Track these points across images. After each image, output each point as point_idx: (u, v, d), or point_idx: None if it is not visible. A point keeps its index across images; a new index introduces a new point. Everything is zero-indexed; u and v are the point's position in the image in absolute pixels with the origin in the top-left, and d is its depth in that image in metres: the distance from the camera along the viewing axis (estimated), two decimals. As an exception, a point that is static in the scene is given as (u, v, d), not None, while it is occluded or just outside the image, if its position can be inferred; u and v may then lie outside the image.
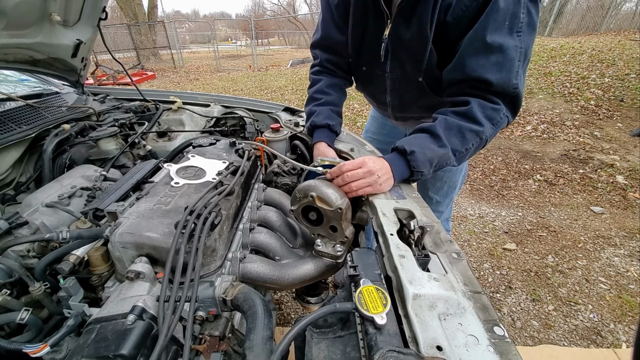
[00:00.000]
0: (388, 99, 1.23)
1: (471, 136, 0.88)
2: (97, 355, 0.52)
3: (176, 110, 1.72)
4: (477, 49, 0.85)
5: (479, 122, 0.88)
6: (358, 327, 0.56)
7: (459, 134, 0.88)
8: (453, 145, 0.88)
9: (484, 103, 0.89)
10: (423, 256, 0.66)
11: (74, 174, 1.11)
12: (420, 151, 0.86)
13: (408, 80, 1.10)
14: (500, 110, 0.89)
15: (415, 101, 1.18)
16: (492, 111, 0.88)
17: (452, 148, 0.88)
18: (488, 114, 0.88)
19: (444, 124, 0.89)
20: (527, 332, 1.80)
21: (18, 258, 0.82)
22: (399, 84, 1.15)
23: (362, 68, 1.22)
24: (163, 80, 10.77)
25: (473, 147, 0.90)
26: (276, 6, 37.44)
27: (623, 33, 8.83)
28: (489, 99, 0.89)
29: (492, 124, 0.89)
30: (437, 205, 1.53)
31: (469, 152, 0.91)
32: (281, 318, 1.89)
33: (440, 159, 0.88)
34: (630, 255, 2.30)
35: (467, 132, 0.88)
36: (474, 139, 0.89)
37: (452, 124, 0.89)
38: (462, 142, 0.89)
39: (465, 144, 0.89)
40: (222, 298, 0.70)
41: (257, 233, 0.94)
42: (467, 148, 0.90)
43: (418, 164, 0.87)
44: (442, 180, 1.44)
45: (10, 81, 1.65)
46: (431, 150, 0.87)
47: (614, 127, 4.23)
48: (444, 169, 1.41)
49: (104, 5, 1.53)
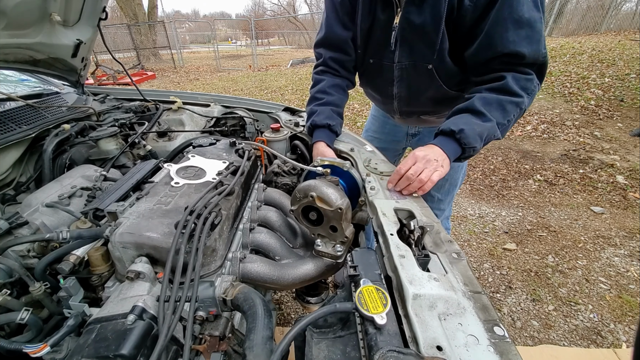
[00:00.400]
0: (395, 90, 1.22)
1: (511, 108, 0.93)
2: (97, 355, 0.52)
3: (176, 110, 1.72)
4: (506, 25, 0.88)
5: (517, 93, 0.92)
6: (358, 327, 0.57)
7: (500, 107, 0.92)
8: (497, 118, 0.92)
9: (517, 75, 0.92)
10: (423, 256, 0.66)
11: (74, 174, 1.11)
12: (469, 128, 0.90)
13: (417, 69, 1.10)
14: (533, 79, 0.93)
15: (423, 92, 1.17)
16: (526, 82, 0.92)
17: (497, 121, 0.92)
18: (523, 84, 0.92)
19: (483, 100, 0.93)
20: (527, 332, 1.80)
21: (18, 258, 0.82)
22: (407, 73, 1.14)
23: (369, 61, 1.22)
24: (163, 80, 10.78)
25: (514, 117, 0.95)
26: (276, 6, 37.49)
27: (623, 33, 8.83)
28: (521, 71, 0.93)
29: (527, 94, 0.93)
30: (439, 203, 1.53)
31: (511, 122, 0.95)
32: (281, 318, 1.89)
33: (489, 132, 0.92)
34: (630, 255, 2.30)
35: (507, 104, 0.92)
36: (514, 110, 0.93)
37: (491, 99, 0.93)
38: (503, 114, 0.92)
39: (506, 115, 0.93)
40: (222, 298, 0.70)
41: (257, 233, 0.94)
42: (509, 120, 0.93)
43: (469, 140, 0.90)
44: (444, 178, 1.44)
45: (11, 81, 1.65)
46: (479, 126, 0.91)
47: (614, 127, 4.23)
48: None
49: (104, 5, 1.53)
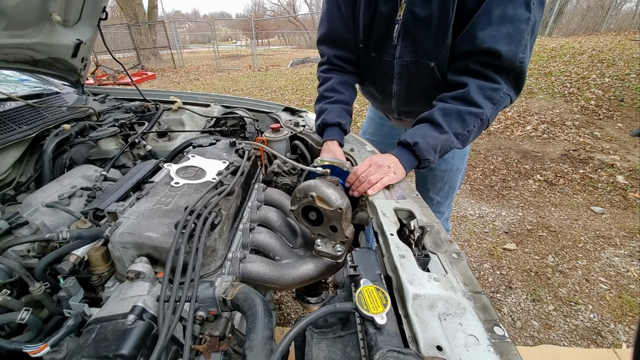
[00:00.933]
0: (394, 88, 1.19)
1: (471, 119, 0.91)
2: (97, 355, 0.52)
3: (176, 110, 1.72)
4: (490, 19, 0.85)
5: (478, 104, 0.90)
6: (358, 327, 0.56)
7: (459, 118, 0.91)
8: (454, 129, 0.92)
9: (483, 84, 0.90)
10: (423, 256, 0.66)
11: (74, 174, 1.11)
12: (423, 141, 0.91)
13: (418, 66, 1.07)
14: (500, 89, 0.90)
15: (423, 91, 1.14)
16: (492, 91, 0.90)
17: (454, 132, 0.92)
18: (488, 94, 0.90)
19: (443, 111, 0.93)
20: (527, 332, 1.80)
21: (18, 258, 0.82)
22: (408, 70, 1.11)
23: (370, 54, 1.17)
24: (163, 80, 10.78)
25: (475, 128, 0.93)
26: (276, 6, 37.48)
27: (623, 33, 8.83)
28: (490, 78, 0.90)
29: (492, 104, 0.91)
30: (439, 206, 1.53)
31: (471, 133, 0.94)
32: (281, 318, 1.88)
33: (444, 144, 0.92)
34: (630, 255, 2.30)
35: (467, 115, 0.91)
36: (474, 121, 0.92)
37: (450, 110, 0.92)
38: (462, 125, 0.92)
39: (466, 126, 0.92)
40: (222, 298, 0.70)
41: (257, 233, 0.94)
42: (468, 130, 0.93)
43: (423, 153, 0.91)
44: (443, 181, 1.44)
45: (11, 81, 1.65)
46: (433, 138, 0.91)
47: (614, 127, 4.22)
48: (444, 170, 1.40)
49: (104, 5, 1.53)
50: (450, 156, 1.36)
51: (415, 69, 1.09)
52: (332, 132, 1.16)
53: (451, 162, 1.38)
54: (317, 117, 1.22)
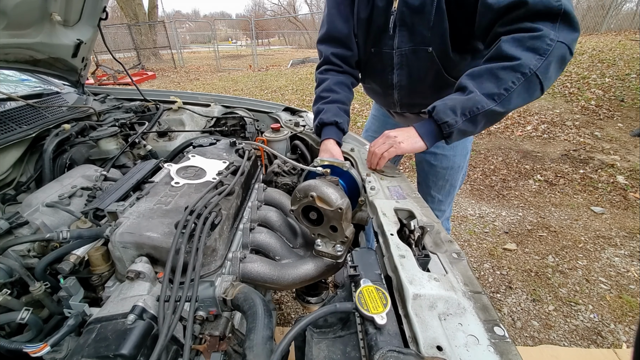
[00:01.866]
0: (395, 79, 1.20)
1: (506, 74, 0.79)
2: (97, 355, 0.52)
3: (176, 110, 1.72)
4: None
5: (512, 56, 0.78)
6: (358, 327, 0.56)
7: (491, 76, 0.81)
8: (485, 89, 0.81)
9: (518, 36, 0.79)
10: (423, 256, 0.66)
11: (74, 174, 1.11)
12: (441, 103, 0.86)
13: (417, 53, 1.07)
14: (543, 36, 0.76)
15: (423, 79, 1.15)
16: (532, 40, 0.77)
17: (485, 92, 0.81)
18: (528, 44, 0.77)
19: (471, 75, 0.85)
20: (527, 332, 1.79)
21: (18, 258, 0.82)
22: (407, 59, 1.11)
23: (370, 50, 1.19)
24: (163, 80, 10.78)
25: (516, 85, 0.79)
26: (276, 6, 37.48)
27: (623, 33, 8.83)
28: (525, 29, 0.78)
29: (536, 54, 0.77)
30: (440, 204, 1.52)
31: (511, 91, 0.80)
32: (281, 318, 1.89)
33: (465, 104, 0.82)
34: (630, 255, 2.29)
35: (499, 71, 0.80)
36: (511, 76, 0.79)
37: (480, 71, 0.84)
38: (497, 83, 0.80)
39: (502, 83, 0.80)
40: (222, 298, 0.70)
41: (257, 233, 0.94)
42: (506, 88, 0.80)
43: (440, 116, 0.85)
44: (444, 179, 1.44)
45: (11, 81, 1.65)
46: (454, 100, 0.84)
47: (614, 127, 4.22)
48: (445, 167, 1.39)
49: (105, 5, 1.52)
50: (451, 153, 1.36)
51: (414, 57, 1.10)
52: (329, 131, 1.17)
53: (452, 159, 1.38)
54: (315, 118, 1.24)
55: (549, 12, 0.75)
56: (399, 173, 1.04)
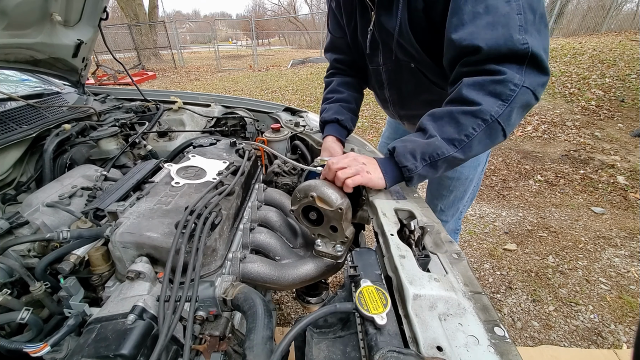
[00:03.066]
0: (387, 94, 1.21)
1: (466, 119, 0.75)
2: (97, 354, 0.52)
3: (177, 110, 1.72)
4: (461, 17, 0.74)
5: (472, 101, 0.74)
6: (358, 327, 0.56)
7: (451, 120, 0.77)
8: (446, 134, 0.77)
9: (480, 79, 0.74)
10: (423, 256, 0.66)
11: (74, 174, 1.11)
12: (401, 145, 0.81)
13: (402, 69, 1.05)
14: (507, 80, 0.71)
15: (413, 93, 1.13)
16: (494, 84, 0.72)
17: (445, 137, 0.77)
18: (489, 89, 0.73)
19: (432, 116, 0.82)
20: (527, 332, 1.79)
21: (19, 258, 0.82)
22: (395, 74, 1.10)
23: (365, 63, 1.20)
24: (164, 81, 10.78)
25: (477, 131, 0.75)
26: (277, 6, 37.50)
27: (624, 33, 8.82)
28: (488, 71, 0.74)
29: (498, 99, 0.72)
30: (441, 213, 1.47)
31: (472, 137, 0.75)
32: (281, 318, 1.88)
33: (426, 149, 0.77)
34: (630, 255, 2.29)
35: (460, 116, 0.75)
36: (471, 122, 0.74)
37: (441, 113, 0.80)
38: (457, 128, 0.76)
39: (462, 129, 0.75)
40: (222, 298, 0.70)
41: (258, 233, 0.94)
42: (466, 134, 0.75)
43: (400, 159, 0.80)
44: (448, 189, 1.39)
45: (12, 81, 1.65)
46: (414, 143, 0.79)
47: (614, 128, 4.22)
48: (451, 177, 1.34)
49: (105, 5, 1.53)
50: None
51: (401, 72, 1.07)
52: (330, 129, 1.18)
53: (460, 170, 1.32)
54: (319, 119, 1.24)
55: (514, 55, 0.71)
56: None
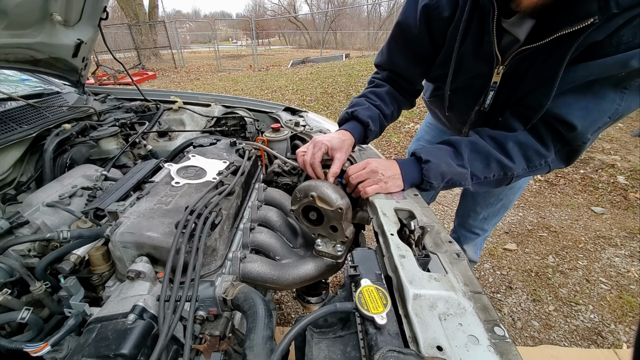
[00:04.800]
0: (465, 129, 1.10)
1: (495, 167, 0.81)
2: (97, 354, 0.52)
3: (177, 110, 1.72)
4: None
5: (511, 157, 0.79)
6: (358, 327, 0.56)
7: (484, 160, 0.81)
8: (474, 169, 0.82)
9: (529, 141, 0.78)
10: (423, 256, 0.66)
11: (74, 174, 1.11)
12: (436, 162, 0.82)
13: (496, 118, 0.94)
14: (545, 157, 0.78)
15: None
16: (534, 154, 0.78)
17: (472, 171, 0.82)
18: (528, 154, 0.79)
19: (472, 146, 0.83)
20: (527, 332, 1.79)
21: (19, 257, 0.82)
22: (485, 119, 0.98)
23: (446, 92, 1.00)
24: (164, 80, 10.78)
25: (494, 178, 0.83)
26: (277, 6, 37.46)
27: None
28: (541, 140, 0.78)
29: (527, 165, 0.80)
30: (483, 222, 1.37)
31: (488, 180, 0.83)
32: (281, 318, 1.89)
33: (455, 177, 0.82)
34: (631, 255, 2.29)
35: (493, 162, 0.80)
36: (497, 171, 0.81)
37: (481, 148, 0.82)
38: (484, 169, 0.81)
39: (487, 172, 0.82)
40: (222, 298, 0.70)
41: (258, 233, 0.94)
42: (486, 177, 0.82)
43: (429, 175, 0.82)
44: (498, 197, 1.29)
45: (12, 81, 1.65)
46: (448, 166, 0.81)
47: (614, 128, 4.22)
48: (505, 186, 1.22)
49: (105, 5, 1.53)
50: None
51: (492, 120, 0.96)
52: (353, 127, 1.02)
53: None
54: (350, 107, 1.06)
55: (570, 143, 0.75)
56: None
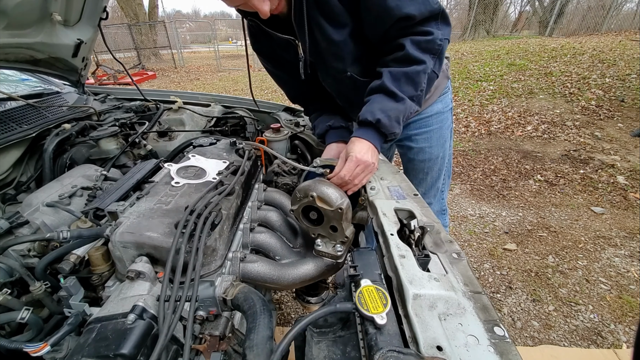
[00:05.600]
0: (340, 103, 1.25)
1: (419, 77, 0.90)
2: (97, 354, 0.52)
3: (177, 110, 1.72)
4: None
5: (420, 60, 0.89)
6: (358, 327, 0.57)
7: (409, 80, 0.90)
8: (407, 93, 0.91)
9: (415, 39, 0.89)
10: (423, 256, 0.66)
11: (74, 174, 1.11)
12: (384, 116, 0.89)
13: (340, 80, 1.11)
14: (434, 38, 0.89)
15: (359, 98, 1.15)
16: (427, 43, 0.89)
17: (409, 96, 0.91)
18: (425, 47, 0.89)
19: (392, 76, 0.91)
20: (527, 332, 1.79)
21: (19, 257, 0.82)
22: (337, 86, 1.16)
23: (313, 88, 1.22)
24: (164, 80, 10.78)
25: (425, 85, 0.93)
26: (277, 6, 37.30)
27: (624, 33, 8.82)
28: (418, 32, 0.89)
29: (432, 54, 0.90)
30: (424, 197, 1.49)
31: (423, 92, 0.94)
32: (281, 318, 1.89)
33: (404, 112, 0.91)
34: (630, 255, 2.29)
35: (415, 75, 0.90)
36: (422, 79, 0.91)
37: (398, 74, 0.91)
38: (414, 86, 0.91)
39: (418, 86, 0.91)
40: (222, 298, 0.70)
41: (258, 233, 0.94)
42: (421, 89, 0.92)
43: (388, 129, 0.90)
44: (423, 172, 1.43)
45: (12, 81, 1.66)
46: (394, 110, 0.90)
47: (614, 128, 4.22)
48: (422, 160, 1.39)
49: (105, 5, 1.53)
50: (427, 145, 1.34)
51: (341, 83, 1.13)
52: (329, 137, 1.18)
53: (429, 151, 1.36)
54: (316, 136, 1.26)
55: (432, 14, 0.88)
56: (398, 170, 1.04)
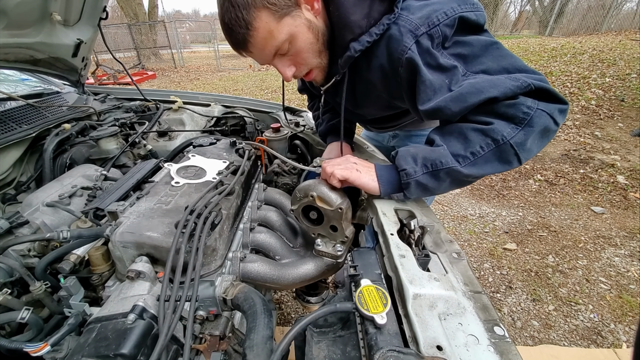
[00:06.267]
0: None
1: (475, 136, 0.71)
2: (97, 354, 0.52)
3: (177, 109, 1.72)
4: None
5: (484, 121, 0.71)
6: (358, 327, 0.56)
7: (459, 136, 0.74)
8: (452, 148, 0.74)
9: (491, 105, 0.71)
10: (423, 256, 0.66)
11: (74, 174, 1.11)
12: (404, 149, 0.79)
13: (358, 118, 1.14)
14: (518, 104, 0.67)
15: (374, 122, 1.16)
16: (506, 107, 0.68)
17: (452, 151, 0.74)
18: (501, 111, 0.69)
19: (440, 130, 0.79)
20: (527, 332, 1.80)
21: (19, 257, 0.82)
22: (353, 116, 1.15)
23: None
24: (163, 80, 10.77)
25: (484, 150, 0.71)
26: (277, 6, 37.30)
27: (624, 33, 8.82)
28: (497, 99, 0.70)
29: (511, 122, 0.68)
30: None
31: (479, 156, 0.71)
32: (281, 318, 1.89)
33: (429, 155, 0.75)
34: (630, 255, 2.29)
35: (469, 132, 0.72)
36: (480, 140, 0.71)
37: (450, 128, 0.77)
38: (464, 144, 0.73)
39: (469, 146, 0.72)
40: (222, 297, 0.70)
41: (258, 233, 0.94)
42: (472, 152, 0.71)
43: (399, 161, 0.77)
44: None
45: (11, 81, 1.65)
46: (417, 148, 0.77)
47: (614, 127, 4.22)
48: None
49: (105, 4, 1.53)
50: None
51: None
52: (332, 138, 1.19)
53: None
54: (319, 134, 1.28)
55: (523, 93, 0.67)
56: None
